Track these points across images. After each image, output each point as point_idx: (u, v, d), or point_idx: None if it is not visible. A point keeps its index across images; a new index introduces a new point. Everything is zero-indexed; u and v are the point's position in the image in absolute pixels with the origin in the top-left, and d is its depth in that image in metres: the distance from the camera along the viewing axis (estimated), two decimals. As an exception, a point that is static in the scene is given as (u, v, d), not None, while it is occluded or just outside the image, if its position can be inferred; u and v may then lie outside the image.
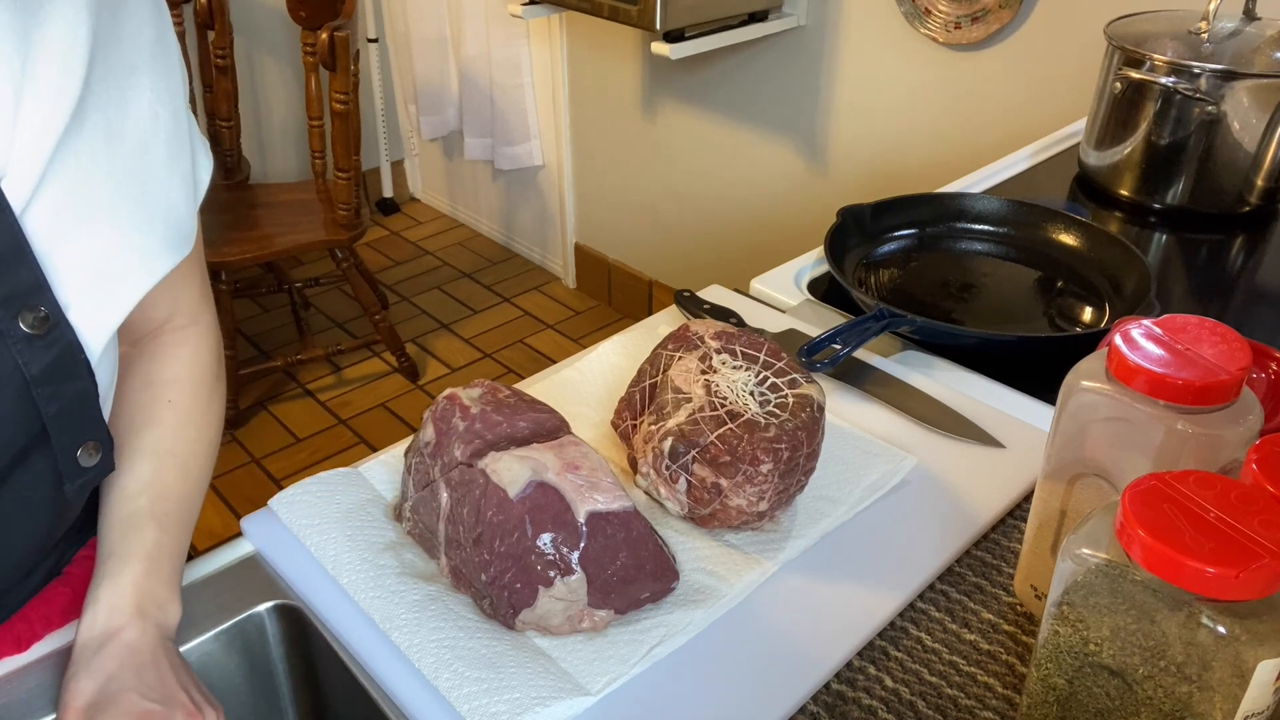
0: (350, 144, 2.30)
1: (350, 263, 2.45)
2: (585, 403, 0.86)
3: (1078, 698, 0.51)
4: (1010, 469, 0.78)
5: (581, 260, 3.03)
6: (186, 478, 0.69)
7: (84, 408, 0.60)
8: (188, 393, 0.71)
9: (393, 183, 3.51)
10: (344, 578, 0.67)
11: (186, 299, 0.73)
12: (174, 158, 0.62)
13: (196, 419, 0.72)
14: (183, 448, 0.70)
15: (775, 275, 1.08)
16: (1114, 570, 0.47)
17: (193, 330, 0.73)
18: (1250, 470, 0.50)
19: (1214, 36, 1.15)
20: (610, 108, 2.67)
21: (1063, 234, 1.09)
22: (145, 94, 0.59)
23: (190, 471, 0.70)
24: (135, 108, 0.59)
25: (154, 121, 0.60)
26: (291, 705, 0.74)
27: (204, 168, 0.67)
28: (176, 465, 0.69)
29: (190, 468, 0.70)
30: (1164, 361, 0.54)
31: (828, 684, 0.62)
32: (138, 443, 0.68)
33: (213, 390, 0.74)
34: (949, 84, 1.93)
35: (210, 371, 0.74)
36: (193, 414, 0.71)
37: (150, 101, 0.60)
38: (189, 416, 0.71)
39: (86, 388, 0.59)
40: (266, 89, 3.18)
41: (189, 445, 0.70)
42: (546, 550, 0.62)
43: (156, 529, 0.65)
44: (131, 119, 0.58)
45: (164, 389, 0.70)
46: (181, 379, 0.71)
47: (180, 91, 0.63)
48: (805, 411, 0.69)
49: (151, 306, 0.70)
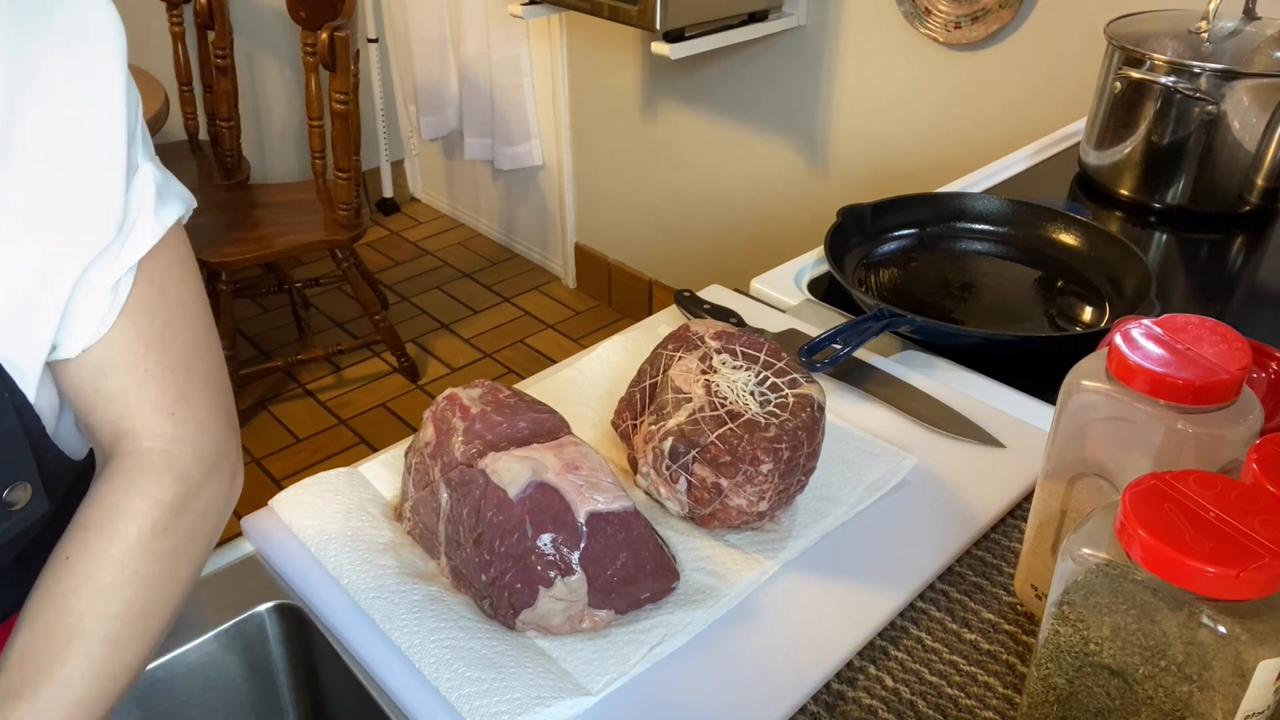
0: (350, 144, 2.30)
1: (350, 263, 2.45)
2: (585, 403, 0.86)
3: (1078, 697, 0.51)
4: (1010, 469, 0.78)
5: (581, 260, 3.03)
6: (61, 661, 0.52)
7: (11, 447, 0.54)
8: (91, 547, 0.54)
9: (393, 183, 3.51)
10: (344, 578, 0.67)
11: (131, 408, 0.56)
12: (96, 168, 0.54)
13: (95, 583, 0.54)
14: (64, 623, 0.53)
15: (775, 275, 1.08)
16: (1114, 570, 0.47)
17: (132, 460, 0.56)
18: (1250, 470, 0.50)
19: (1214, 36, 1.15)
20: (610, 108, 2.67)
21: (1063, 234, 1.09)
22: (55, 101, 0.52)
23: (70, 654, 0.53)
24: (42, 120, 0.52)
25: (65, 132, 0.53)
26: (291, 705, 0.74)
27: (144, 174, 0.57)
28: (49, 646, 0.53)
29: (71, 648, 0.53)
30: (1164, 361, 0.54)
31: (828, 684, 0.62)
32: (29, 600, 0.54)
33: (134, 547, 0.55)
34: (949, 84, 1.93)
35: (131, 521, 0.55)
36: (89, 576, 0.54)
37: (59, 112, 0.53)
38: (83, 580, 0.53)
39: (13, 426, 0.54)
40: (266, 89, 3.18)
41: (75, 620, 0.53)
42: (547, 550, 0.62)
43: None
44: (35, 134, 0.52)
45: (67, 538, 0.55)
46: (90, 526, 0.55)
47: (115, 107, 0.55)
48: (805, 411, 0.69)
49: (81, 396, 0.56)
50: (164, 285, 0.58)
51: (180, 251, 0.60)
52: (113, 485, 0.56)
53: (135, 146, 0.57)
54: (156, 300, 0.58)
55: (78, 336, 0.55)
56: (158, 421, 0.57)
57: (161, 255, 0.58)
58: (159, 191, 0.58)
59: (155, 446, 0.57)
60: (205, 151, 2.71)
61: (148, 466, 0.57)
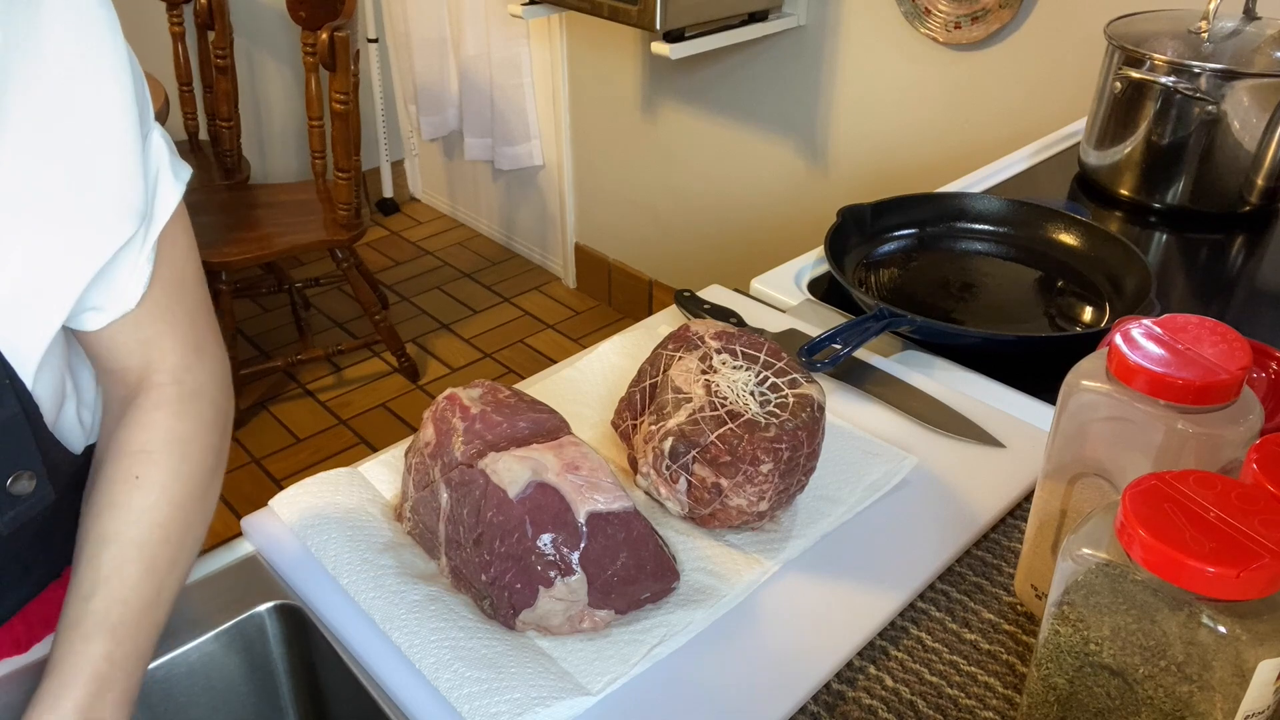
0: (350, 144, 2.30)
1: (350, 263, 2.45)
2: (585, 403, 0.86)
3: (1078, 697, 0.51)
4: (1010, 469, 0.78)
5: (581, 260, 3.03)
6: (152, 571, 0.58)
7: (13, 435, 0.56)
8: (160, 466, 0.60)
9: (393, 183, 3.51)
10: (344, 578, 0.67)
11: (165, 348, 0.62)
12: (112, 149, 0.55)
13: (172, 498, 0.60)
14: (150, 534, 0.59)
15: (775, 275, 1.08)
16: (1114, 570, 0.47)
17: (173, 390, 0.62)
18: (1250, 470, 0.50)
19: (1214, 36, 1.15)
20: (610, 108, 2.67)
21: (1063, 234, 1.09)
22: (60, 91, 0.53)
23: (158, 564, 0.59)
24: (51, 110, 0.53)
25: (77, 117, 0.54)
26: (291, 705, 0.74)
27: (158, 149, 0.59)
28: (141, 557, 0.58)
29: (159, 558, 0.59)
30: (1164, 361, 0.54)
31: (828, 684, 0.62)
32: (98, 528, 0.58)
33: (197, 466, 0.62)
34: (949, 84, 1.93)
35: (193, 442, 0.62)
36: (167, 492, 0.60)
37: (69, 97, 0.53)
38: (160, 496, 0.59)
39: (15, 414, 0.55)
40: (266, 89, 3.18)
41: (158, 531, 0.59)
42: (547, 551, 0.62)
43: (108, 640, 0.56)
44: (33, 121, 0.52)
45: (131, 462, 0.60)
46: (152, 450, 0.60)
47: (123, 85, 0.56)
48: (805, 411, 0.69)
49: (117, 348, 0.61)
50: (174, 235, 0.61)
51: (179, 201, 0.63)
52: (166, 411, 0.61)
53: (147, 116, 0.58)
54: (169, 250, 0.61)
55: (125, 300, 0.59)
56: (185, 355, 0.63)
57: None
58: (171, 150, 0.61)
59: (187, 377, 0.63)
60: (205, 151, 2.71)
61: (188, 397, 0.62)
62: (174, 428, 0.61)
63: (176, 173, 0.60)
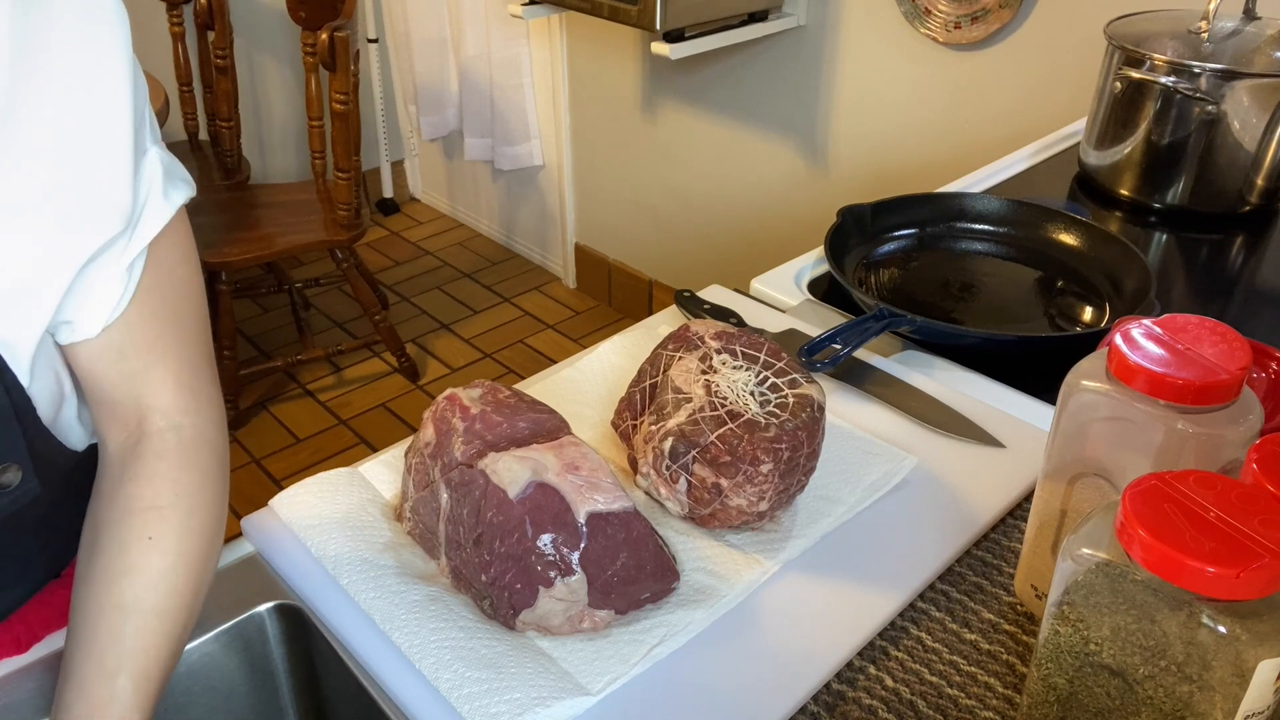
0: (350, 144, 2.30)
1: (350, 263, 2.45)
2: (585, 403, 0.86)
3: (1078, 697, 0.51)
4: (1010, 469, 0.78)
5: (581, 260, 3.03)
6: (172, 639, 0.58)
7: (0, 427, 0.55)
8: (171, 523, 0.59)
9: (393, 183, 3.51)
10: (344, 578, 0.67)
11: (155, 385, 0.61)
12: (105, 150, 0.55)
13: (185, 558, 0.60)
14: (169, 602, 0.58)
15: (775, 275, 1.08)
16: (1114, 570, 0.47)
17: (173, 438, 0.61)
18: (1250, 470, 0.50)
19: (1214, 36, 1.15)
20: (610, 108, 2.67)
21: (1063, 234, 1.09)
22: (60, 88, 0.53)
23: (177, 630, 0.59)
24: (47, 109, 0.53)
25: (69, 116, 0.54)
26: (291, 705, 0.74)
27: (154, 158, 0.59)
28: (162, 627, 0.58)
29: (178, 624, 0.59)
30: (1164, 361, 0.54)
31: (828, 684, 0.62)
32: (115, 594, 0.58)
33: (205, 519, 0.61)
34: (949, 84, 1.93)
35: (200, 493, 0.61)
36: (182, 551, 0.59)
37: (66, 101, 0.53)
38: (177, 558, 0.59)
39: (3, 406, 0.55)
40: (266, 89, 3.18)
41: (176, 598, 0.59)
42: (547, 551, 0.62)
43: (138, 718, 0.57)
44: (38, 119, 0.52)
45: (143, 521, 0.59)
46: (162, 505, 0.59)
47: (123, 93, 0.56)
48: (805, 411, 0.69)
49: (100, 378, 0.60)
50: (171, 265, 0.61)
51: (183, 232, 0.62)
52: (170, 462, 0.61)
53: (144, 131, 0.58)
54: (166, 280, 0.60)
55: (96, 316, 0.58)
56: (180, 397, 0.62)
57: (168, 236, 0.60)
58: (167, 174, 0.60)
59: (185, 422, 0.62)
60: (205, 151, 2.71)
61: (189, 445, 0.61)
62: (180, 479, 0.61)
63: (168, 194, 0.59)
